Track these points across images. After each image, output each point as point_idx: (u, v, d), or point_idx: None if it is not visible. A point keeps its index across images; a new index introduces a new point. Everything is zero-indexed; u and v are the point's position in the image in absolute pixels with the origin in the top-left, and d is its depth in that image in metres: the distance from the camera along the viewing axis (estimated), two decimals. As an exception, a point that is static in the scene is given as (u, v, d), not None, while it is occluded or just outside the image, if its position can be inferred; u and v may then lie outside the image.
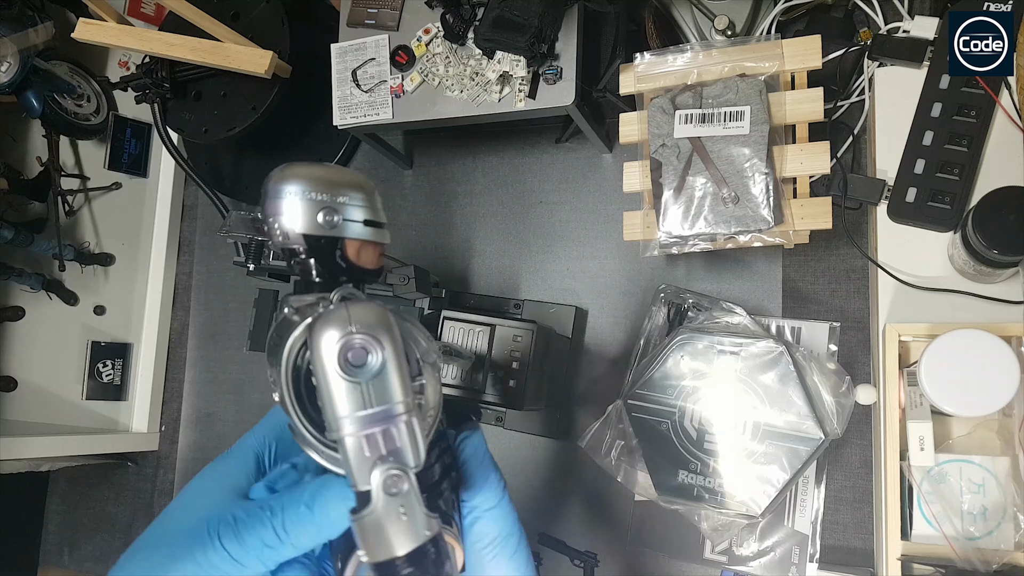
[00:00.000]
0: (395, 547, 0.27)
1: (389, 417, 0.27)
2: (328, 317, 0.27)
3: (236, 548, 0.30)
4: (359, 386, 0.26)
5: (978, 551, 0.59)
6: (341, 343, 0.26)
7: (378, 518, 0.27)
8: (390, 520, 0.27)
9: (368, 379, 0.26)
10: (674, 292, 0.78)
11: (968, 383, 0.58)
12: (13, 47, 0.89)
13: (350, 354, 0.26)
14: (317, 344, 0.26)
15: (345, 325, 0.26)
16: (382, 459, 0.27)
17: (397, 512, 0.27)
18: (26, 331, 1.03)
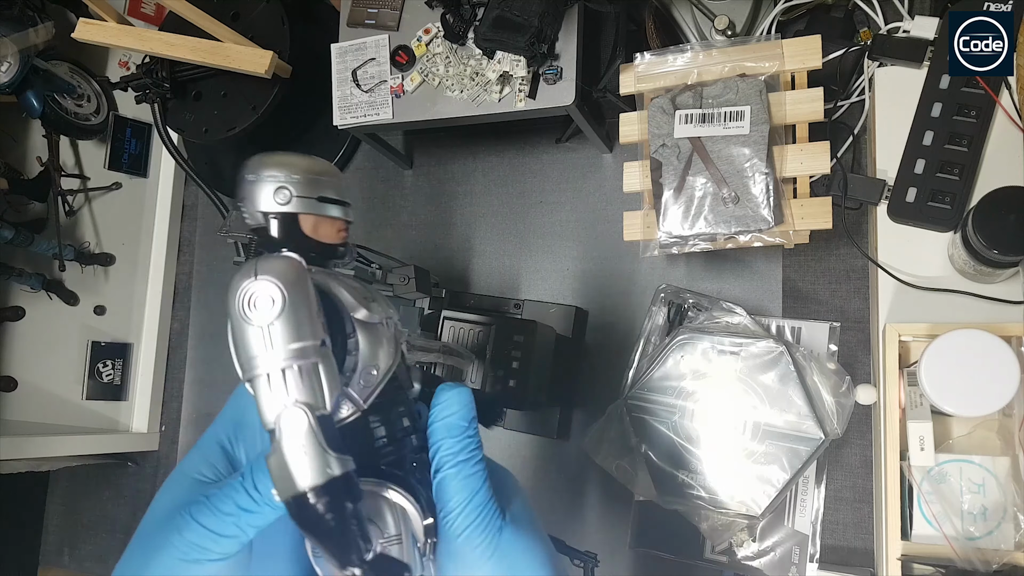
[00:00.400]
0: (297, 482, 0.28)
1: (290, 358, 0.29)
2: (239, 270, 0.30)
3: (212, 520, 0.30)
4: (260, 330, 0.29)
5: (978, 551, 0.59)
6: (243, 289, 0.30)
7: (280, 455, 0.29)
8: (292, 456, 0.28)
9: (267, 323, 0.29)
10: (674, 292, 0.78)
11: (968, 383, 0.58)
12: (13, 47, 0.89)
13: (249, 299, 0.29)
14: (228, 293, 0.30)
15: (249, 274, 0.30)
16: (290, 401, 0.29)
17: (299, 449, 0.29)
18: (26, 331, 1.03)
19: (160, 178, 1.13)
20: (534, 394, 0.75)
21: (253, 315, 0.29)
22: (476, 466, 0.34)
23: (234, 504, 0.30)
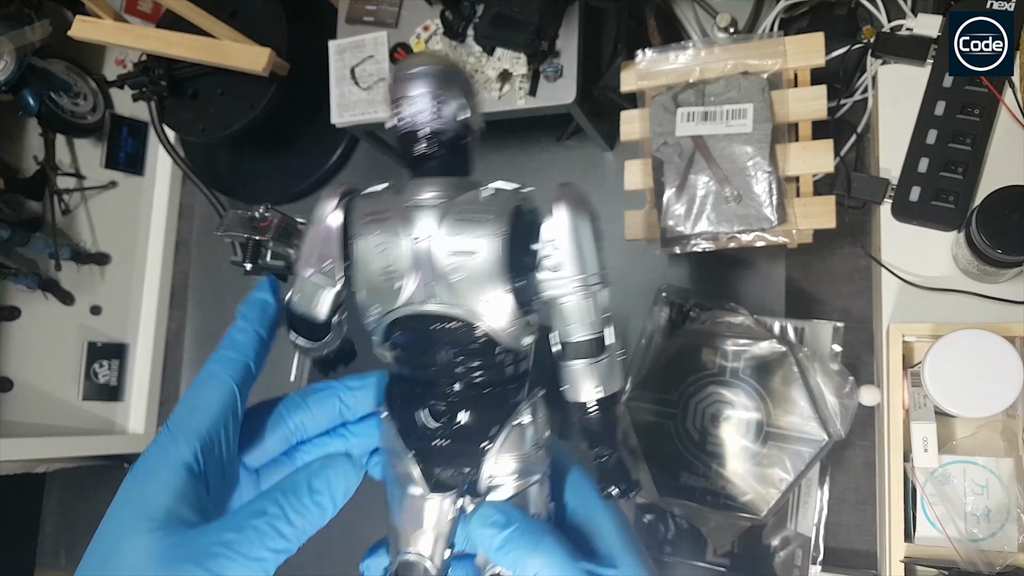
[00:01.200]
0: (617, 383, 0.32)
1: (607, 278, 0.32)
2: (575, 189, 0.30)
3: (237, 565, 0.25)
4: (601, 248, 0.31)
5: (981, 553, 0.59)
6: (592, 211, 0.30)
7: (611, 359, 0.31)
8: (616, 362, 0.32)
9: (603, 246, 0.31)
10: (676, 292, 0.78)
11: (972, 384, 0.58)
12: (9, 45, 0.88)
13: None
14: (580, 215, 0.30)
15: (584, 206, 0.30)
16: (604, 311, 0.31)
17: (619, 353, 0.32)
18: (22, 331, 1.02)
19: (157, 177, 1.12)
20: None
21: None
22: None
23: (265, 549, 0.26)
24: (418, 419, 0.31)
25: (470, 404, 0.31)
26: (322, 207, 0.31)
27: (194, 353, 1.08)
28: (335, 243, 0.31)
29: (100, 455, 1.04)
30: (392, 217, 0.29)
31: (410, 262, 0.29)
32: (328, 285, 0.32)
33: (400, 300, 0.30)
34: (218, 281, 1.08)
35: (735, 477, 0.67)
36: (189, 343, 1.09)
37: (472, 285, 0.29)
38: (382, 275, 0.30)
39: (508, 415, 0.31)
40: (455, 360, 0.30)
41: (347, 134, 0.96)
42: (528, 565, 0.28)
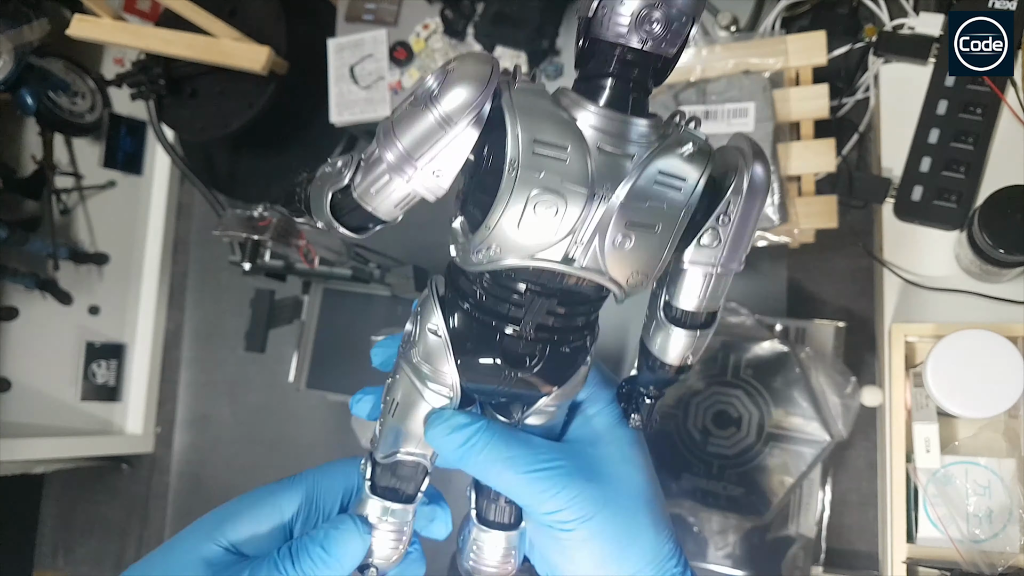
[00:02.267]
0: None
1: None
2: (765, 157, 0.26)
3: None
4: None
5: (983, 554, 0.59)
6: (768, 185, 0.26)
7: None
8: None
9: None
10: (676, 292, 0.78)
11: (974, 384, 0.57)
12: (8, 44, 0.88)
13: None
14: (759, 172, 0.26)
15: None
16: None
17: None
18: (20, 331, 1.02)
19: (155, 176, 1.12)
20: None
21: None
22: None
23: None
24: (490, 361, 0.28)
25: (549, 350, 0.29)
26: (466, 93, 0.23)
27: (192, 353, 1.08)
28: (463, 149, 0.24)
29: (98, 455, 1.04)
30: (571, 159, 0.24)
31: (576, 217, 0.24)
32: (423, 192, 0.26)
33: (542, 254, 0.25)
34: (217, 281, 1.08)
35: (736, 478, 0.67)
36: (187, 343, 1.09)
37: (635, 257, 0.25)
38: (531, 225, 0.24)
39: (578, 362, 0.30)
40: (554, 307, 0.28)
41: (346, 133, 0.96)
42: (489, 471, 0.30)
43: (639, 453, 0.34)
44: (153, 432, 1.08)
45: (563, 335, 0.29)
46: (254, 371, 1.02)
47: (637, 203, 0.24)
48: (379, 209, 0.26)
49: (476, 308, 0.28)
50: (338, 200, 0.27)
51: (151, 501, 1.06)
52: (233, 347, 1.04)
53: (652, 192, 0.25)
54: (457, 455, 0.29)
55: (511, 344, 0.28)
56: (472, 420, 0.30)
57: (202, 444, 1.05)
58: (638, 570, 0.31)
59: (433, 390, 0.29)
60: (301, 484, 0.33)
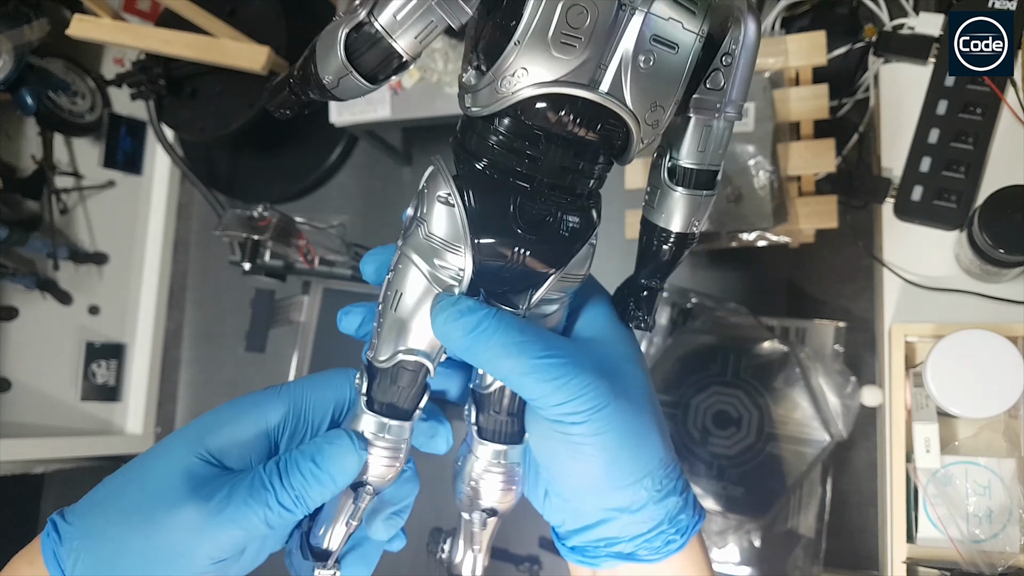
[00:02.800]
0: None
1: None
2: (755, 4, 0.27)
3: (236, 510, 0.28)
4: None
5: (983, 554, 0.59)
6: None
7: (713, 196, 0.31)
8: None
9: None
10: (677, 292, 0.78)
11: (974, 384, 0.57)
12: (7, 44, 0.88)
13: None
14: (754, 17, 0.26)
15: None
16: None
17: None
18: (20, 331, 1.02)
19: (155, 176, 1.12)
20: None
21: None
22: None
23: (265, 522, 0.28)
24: (503, 227, 0.27)
25: (560, 215, 0.28)
26: None
27: (192, 353, 1.08)
28: None
29: (98, 456, 1.04)
30: None
31: (606, 31, 0.24)
32: (448, 15, 0.24)
33: (567, 74, 0.24)
34: (217, 281, 1.08)
35: (736, 478, 0.67)
36: (187, 343, 1.08)
37: (654, 83, 0.25)
38: (561, 35, 0.24)
39: (584, 237, 0.29)
40: (569, 160, 0.27)
41: (346, 133, 0.96)
42: (499, 357, 0.28)
43: (639, 353, 0.33)
44: (153, 432, 1.08)
45: (574, 196, 0.28)
46: (254, 371, 1.02)
47: (661, 18, 0.24)
48: (402, 39, 0.25)
49: (490, 167, 0.27)
50: (352, 40, 0.25)
51: (151, 501, 1.06)
52: (233, 347, 1.04)
53: (674, 10, 0.24)
54: (466, 342, 0.28)
55: (526, 205, 0.27)
56: (480, 305, 0.28)
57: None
58: (647, 474, 0.30)
59: (440, 272, 0.28)
60: (287, 395, 0.32)
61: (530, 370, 0.28)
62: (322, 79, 0.26)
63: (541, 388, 0.28)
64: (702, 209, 0.30)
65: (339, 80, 0.26)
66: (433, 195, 0.28)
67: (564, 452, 0.29)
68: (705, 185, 0.30)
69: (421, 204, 0.28)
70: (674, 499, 0.31)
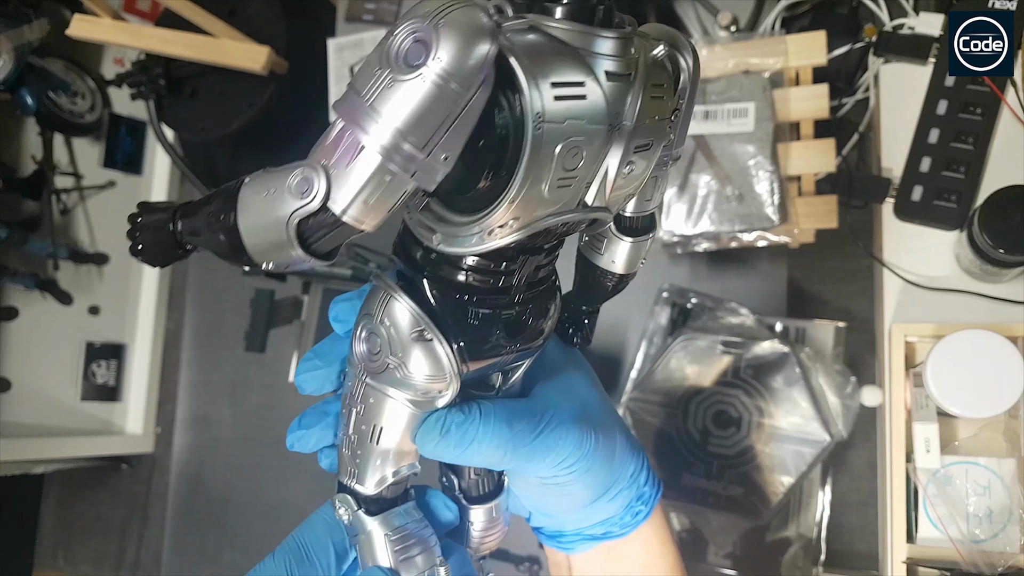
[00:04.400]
0: None
1: None
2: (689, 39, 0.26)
3: None
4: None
5: (983, 554, 0.59)
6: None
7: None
8: None
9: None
10: (677, 292, 0.78)
11: (974, 384, 0.57)
12: (7, 44, 0.88)
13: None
14: (696, 65, 0.25)
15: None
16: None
17: None
18: (20, 331, 1.02)
19: (155, 176, 1.12)
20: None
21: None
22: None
23: None
24: (494, 341, 0.26)
25: (537, 304, 0.27)
26: (473, 56, 0.19)
27: (192, 353, 1.08)
28: (473, 119, 0.20)
29: (98, 455, 1.04)
30: (589, 94, 0.21)
31: (597, 158, 0.22)
32: (426, 184, 0.20)
33: (557, 209, 0.22)
34: (217, 281, 1.08)
35: (736, 478, 0.67)
36: (187, 343, 1.08)
37: (633, 182, 0.24)
38: (558, 182, 0.22)
39: (554, 304, 0.29)
40: (542, 260, 0.26)
41: (346, 133, 0.95)
42: (494, 456, 0.28)
43: (591, 372, 0.34)
44: (153, 432, 1.08)
45: (546, 282, 0.28)
46: (254, 371, 1.02)
47: (642, 124, 0.22)
48: (372, 221, 0.21)
49: (467, 291, 0.25)
50: (306, 227, 0.21)
51: (151, 501, 1.06)
52: (233, 347, 1.04)
53: (651, 108, 0.23)
54: (459, 454, 0.27)
55: (508, 315, 0.26)
56: (466, 414, 0.27)
57: (202, 444, 1.05)
58: (624, 481, 0.31)
59: (424, 399, 0.26)
60: (282, 554, 0.30)
61: (526, 457, 0.28)
62: (255, 260, 0.22)
63: (537, 464, 0.29)
64: (643, 250, 0.30)
65: (292, 266, 0.22)
66: (404, 333, 0.25)
67: (551, 494, 0.30)
68: (647, 228, 0.30)
69: (390, 344, 0.25)
70: (640, 480, 0.32)
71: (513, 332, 0.27)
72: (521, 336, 0.27)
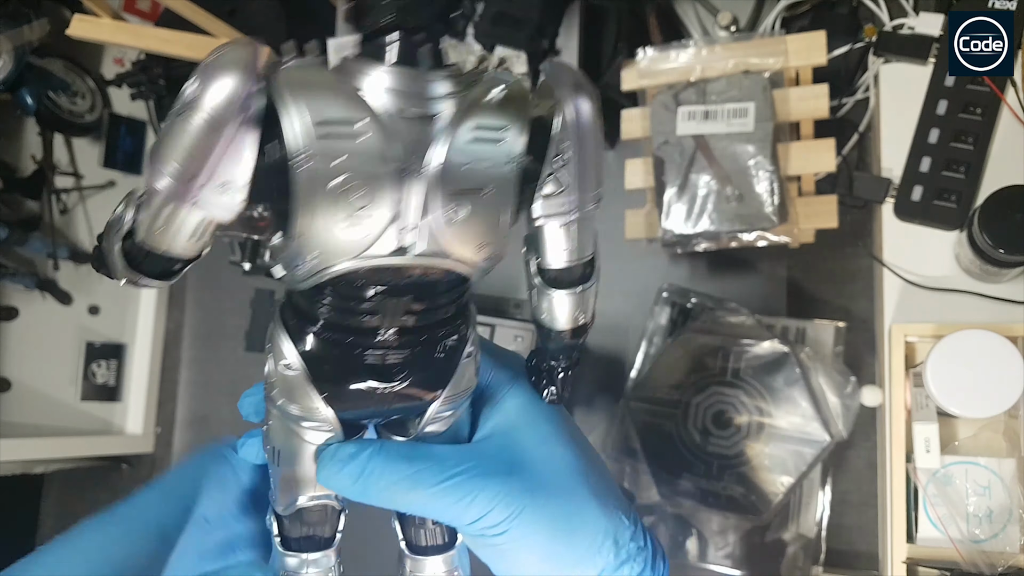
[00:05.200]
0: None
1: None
2: (579, 76, 0.23)
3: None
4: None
5: (983, 554, 0.59)
6: (598, 104, 0.23)
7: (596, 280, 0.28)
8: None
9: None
10: (677, 292, 0.78)
11: (974, 384, 0.57)
12: (7, 44, 0.88)
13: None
14: (598, 118, 0.23)
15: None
16: None
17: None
18: (20, 331, 1.02)
19: (155, 176, 1.12)
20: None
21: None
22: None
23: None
24: (360, 384, 0.25)
25: (420, 353, 0.26)
26: (228, 89, 0.20)
27: (192, 353, 1.08)
28: (245, 153, 0.21)
29: (98, 455, 1.04)
30: (363, 133, 0.21)
31: (393, 200, 0.21)
32: (217, 213, 0.22)
33: (371, 251, 0.22)
34: (217, 281, 1.08)
35: (736, 478, 0.67)
36: (187, 343, 1.08)
37: (475, 228, 0.23)
38: (344, 220, 0.21)
39: (457, 358, 0.27)
40: (409, 308, 0.25)
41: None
42: (396, 496, 0.27)
43: (560, 429, 0.30)
44: (153, 432, 1.08)
45: (431, 332, 0.26)
46: (254, 371, 1.02)
47: (457, 167, 0.22)
48: (173, 248, 0.22)
49: (326, 328, 0.25)
50: (128, 249, 0.23)
51: (151, 501, 1.06)
52: (233, 347, 1.04)
53: (471, 151, 0.22)
54: (357, 489, 0.26)
55: (376, 358, 0.25)
56: (361, 447, 0.27)
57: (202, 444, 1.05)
58: (594, 549, 0.28)
59: (310, 428, 0.26)
60: (161, 490, 0.30)
61: (430, 499, 0.26)
62: (120, 282, 0.24)
63: (450, 512, 0.27)
64: (586, 301, 0.27)
65: (136, 283, 0.23)
66: (279, 361, 0.25)
67: (497, 558, 0.28)
68: (581, 279, 0.27)
69: (271, 366, 0.26)
70: (630, 565, 0.28)
71: (382, 377, 0.26)
72: (391, 384, 0.26)
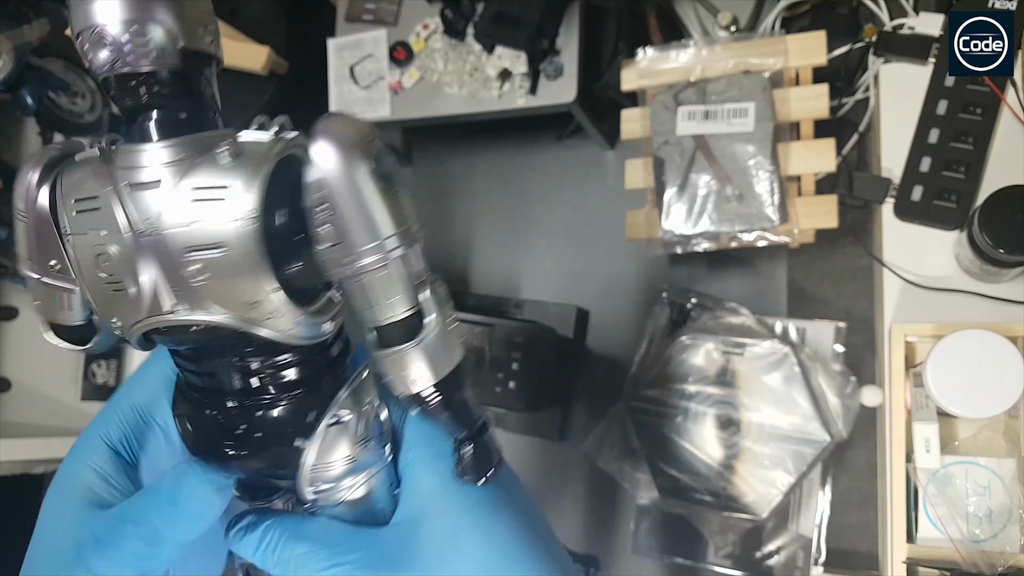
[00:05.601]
0: (455, 355, 0.25)
1: (411, 235, 0.24)
2: (340, 121, 0.24)
3: (108, 565, 0.26)
4: (396, 195, 0.23)
5: (983, 554, 0.59)
6: (372, 151, 0.23)
7: (439, 331, 0.24)
8: (447, 332, 0.24)
9: (400, 189, 0.24)
10: (677, 292, 0.78)
11: (974, 384, 0.57)
12: (7, 44, 0.88)
13: (380, 162, 0.23)
14: (352, 160, 0.23)
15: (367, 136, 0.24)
16: (416, 276, 0.24)
17: (449, 320, 0.24)
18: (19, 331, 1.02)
19: (155, 176, 1.12)
20: (534, 396, 0.74)
21: (390, 181, 0.24)
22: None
23: (130, 552, 0.26)
24: (217, 445, 0.26)
25: (262, 415, 0.26)
26: (21, 186, 0.24)
27: (193, 353, 1.08)
28: (52, 236, 0.24)
29: (98, 455, 1.04)
30: (103, 205, 0.22)
31: (134, 265, 0.23)
32: (68, 286, 0.25)
33: (140, 312, 0.23)
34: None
35: (736, 478, 0.67)
36: (188, 343, 1.09)
37: (227, 288, 0.22)
38: (107, 284, 0.23)
39: (321, 413, 0.26)
40: (237, 365, 0.25)
41: (346, 133, 0.96)
42: (288, 573, 0.26)
43: (478, 519, 0.27)
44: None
45: (276, 393, 0.26)
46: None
47: (181, 227, 0.22)
48: (63, 317, 0.26)
49: (186, 387, 0.28)
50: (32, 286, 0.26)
51: (151, 501, 1.06)
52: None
53: (193, 211, 0.22)
54: (259, 558, 0.27)
55: (219, 418, 0.26)
56: (260, 519, 0.27)
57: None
58: None
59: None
60: (115, 407, 0.29)
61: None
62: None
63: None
64: (434, 348, 0.24)
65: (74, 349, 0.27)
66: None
67: None
68: (409, 335, 0.24)
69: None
70: None
71: (234, 439, 0.26)
72: (246, 447, 0.26)
